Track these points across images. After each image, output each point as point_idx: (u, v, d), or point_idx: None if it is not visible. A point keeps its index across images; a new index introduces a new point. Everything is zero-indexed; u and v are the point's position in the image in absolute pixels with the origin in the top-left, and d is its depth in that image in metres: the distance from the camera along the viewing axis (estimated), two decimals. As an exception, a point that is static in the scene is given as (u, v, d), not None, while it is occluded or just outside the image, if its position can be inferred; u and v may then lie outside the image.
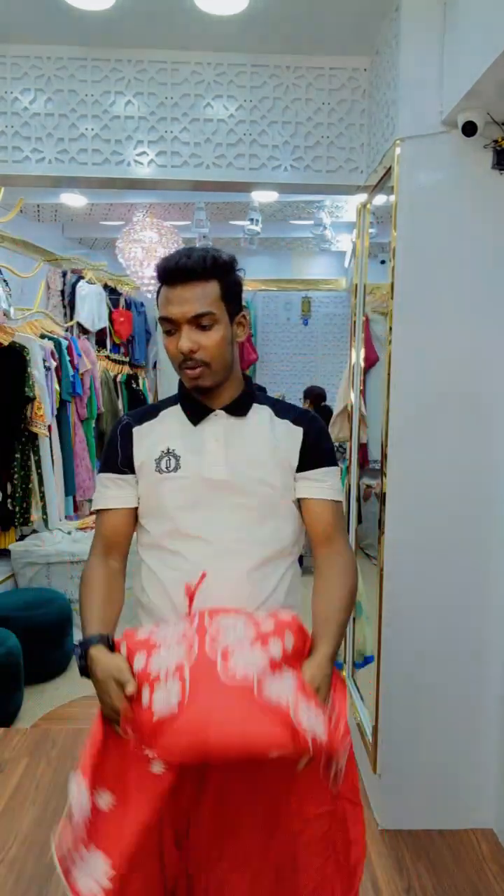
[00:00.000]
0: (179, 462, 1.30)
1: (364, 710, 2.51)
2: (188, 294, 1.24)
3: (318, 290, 6.87)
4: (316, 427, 1.38)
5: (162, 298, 1.27)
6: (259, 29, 2.26)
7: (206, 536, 1.28)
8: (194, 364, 1.26)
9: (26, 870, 2.09)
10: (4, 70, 2.42)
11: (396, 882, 2.04)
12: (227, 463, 1.29)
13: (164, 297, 1.26)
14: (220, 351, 1.27)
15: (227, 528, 1.28)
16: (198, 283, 1.24)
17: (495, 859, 2.14)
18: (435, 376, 2.12)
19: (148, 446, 1.34)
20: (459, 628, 2.20)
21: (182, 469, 1.30)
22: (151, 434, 1.35)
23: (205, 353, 1.26)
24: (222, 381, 1.31)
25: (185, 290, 1.24)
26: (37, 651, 3.41)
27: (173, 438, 1.33)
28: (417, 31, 2.01)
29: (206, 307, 1.24)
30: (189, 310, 1.24)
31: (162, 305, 1.27)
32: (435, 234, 2.08)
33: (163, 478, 1.30)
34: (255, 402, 1.37)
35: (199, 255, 1.24)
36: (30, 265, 4.48)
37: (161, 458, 1.31)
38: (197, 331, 1.25)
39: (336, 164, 2.50)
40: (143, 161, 2.48)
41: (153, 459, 1.32)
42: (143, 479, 1.34)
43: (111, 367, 5.24)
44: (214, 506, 1.29)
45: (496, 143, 2.00)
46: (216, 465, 1.29)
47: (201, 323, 1.24)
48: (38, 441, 3.68)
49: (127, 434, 1.36)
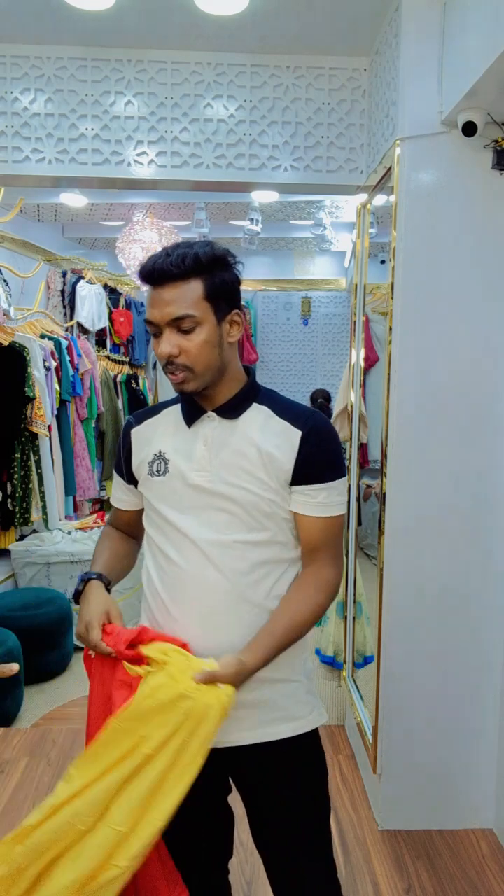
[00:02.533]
0: (168, 466, 1.28)
1: (364, 710, 2.51)
2: (167, 296, 1.17)
3: (318, 290, 6.87)
4: (320, 433, 1.27)
5: (146, 299, 1.23)
6: (259, 29, 2.26)
7: (194, 538, 1.25)
8: (175, 368, 1.21)
9: (26, 870, 2.09)
10: (4, 70, 2.42)
11: (396, 882, 2.04)
12: (212, 469, 1.24)
13: (148, 298, 1.22)
14: (204, 354, 1.20)
15: (216, 531, 1.25)
16: (177, 284, 1.17)
17: (495, 859, 2.14)
18: (435, 376, 2.12)
19: (144, 449, 1.33)
20: (459, 628, 2.20)
21: (170, 473, 1.27)
22: (148, 435, 1.34)
23: (186, 358, 1.20)
24: (211, 384, 1.25)
25: (165, 292, 1.18)
26: (37, 651, 3.41)
27: (166, 441, 1.31)
28: (417, 31, 2.01)
29: (186, 310, 1.17)
30: (168, 313, 1.18)
31: (146, 307, 1.23)
32: (435, 234, 2.08)
33: (154, 481, 1.30)
34: (255, 402, 1.30)
35: (178, 253, 1.17)
36: (30, 265, 4.48)
37: (153, 462, 1.30)
38: (178, 334, 1.19)
39: (336, 164, 2.50)
40: (143, 161, 2.48)
41: (147, 462, 1.32)
42: (140, 480, 1.34)
43: (111, 367, 5.24)
44: (202, 510, 1.26)
45: (496, 143, 2.00)
46: (201, 471, 1.25)
47: (182, 326, 1.18)
48: (38, 441, 3.68)
49: (126, 437, 1.38)
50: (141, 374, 5.87)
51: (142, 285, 1.26)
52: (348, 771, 2.59)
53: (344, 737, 2.83)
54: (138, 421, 1.37)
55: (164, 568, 1.29)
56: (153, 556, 1.33)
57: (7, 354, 3.51)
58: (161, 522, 1.29)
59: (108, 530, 1.48)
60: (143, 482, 1.33)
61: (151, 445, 1.32)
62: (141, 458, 1.33)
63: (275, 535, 1.27)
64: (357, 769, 2.60)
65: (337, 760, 2.65)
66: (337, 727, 2.88)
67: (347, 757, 2.68)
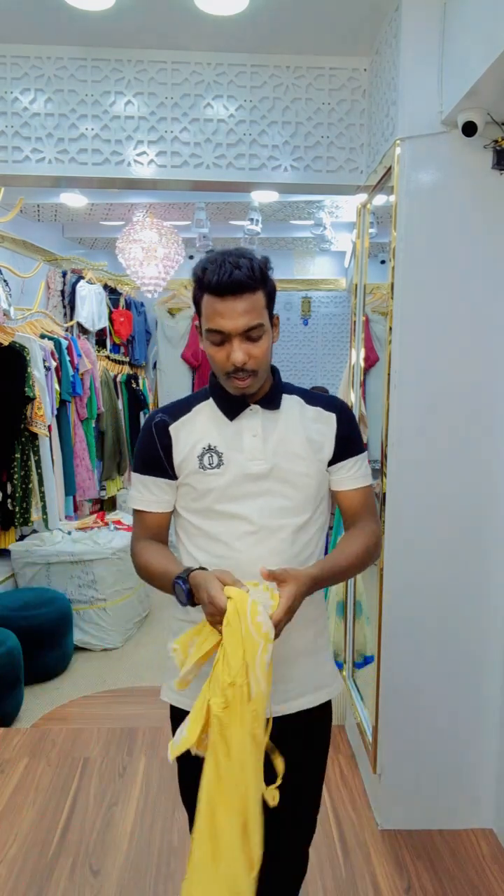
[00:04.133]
0: (222, 458, 1.33)
1: (364, 710, 2.51)
2: (240, 307, 1.24)
3: (318, 290, 6.86)
4: (347, 412, 1.44)
5: (209, 309, 1.26)
6: (259, 29, 2.26)
7: (246, 517, 1.32)
8: (245, 375, 1.29)
9: (26, 870, 2.10)
10: (4, 70, 2.42)
11: (396, 882, 2.04)
12: (266, 456, 1.34)
13: (213, 308, 1.25)
14: (267, 359, 1.31)
15: (270, 516, 1.33)
16: (249, 296, 1.25)
17: (495, 859, 2.14)
18: (435, 376, 2.12)
19: (187, 443, 1.36)
20: (459, 628, 2.20)
21: (225, 465, 1.33)
22: (188, 430, 1.37)
23: (254, 363, 1.28)
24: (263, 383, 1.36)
25: (238, 303, 1.24)
26: (37, 651, 3.42)
27: (212, 434, 1.35)
28: (417, 31, 2.01)
29: (257, 319, 1.26)
30: (243, 324, 1.25)
31: (210, 317, 1.26)
32: (435, 234, 2.08)
33: (208, 473, 1.34)
34: (285, 393, 1.41)
35: (247, 265, 1.24)
36: (30, 265, 4.48)
37: (204, 455, 1.34)
38: (247, 342, 1.27)
39: (336, 164, 2.50)
40: (143, 161, 2.48)
41: (195, 457, 1.34)
42: (185, 475, 1.36)
43: (111, 367, 5.23)
44: (258, 496, 1.33)
45: (496, 143, 2.00)
46: (255, 460, 1.33)
47: (251, 335, 1.26)
48: (38, 441, 3.68)
49: (164, 433, 1.37)
50: (141, 374, 5.87)
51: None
52: (348, 771, 2.59)
53: (344, 737, 2.83)
54: (173, 417, 1.39)
55: (220, 554, 1.34)
56: (202, 547, 1.36)
57: (7, 354, 3.51)
58: (212, 513, 1.35)
59: (146, 544, 1.41)
60: (188, 475, 1.36)
61: (196, 440, 1.36)
62: (185, 453, 1.35)
63: (315, 519, 1.39)
64: (357, 769, 2.60)
65: (337, 760, 2.65)
66: (337, 727, 2.88)
67: (347, 757, 2.68)
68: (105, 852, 2.18)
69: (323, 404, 1.41)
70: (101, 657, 3.87)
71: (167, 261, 4.43)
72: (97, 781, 2.55)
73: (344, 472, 1.41)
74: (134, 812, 2.38)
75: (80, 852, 2.18)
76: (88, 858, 2.15)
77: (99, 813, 2.37)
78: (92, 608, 3.92)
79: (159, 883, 2.04)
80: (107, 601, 3.93)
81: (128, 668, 3.73)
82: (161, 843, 2.22)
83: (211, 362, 1.32)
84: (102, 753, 2.74)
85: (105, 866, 2.12)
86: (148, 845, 2.21)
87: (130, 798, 2.46)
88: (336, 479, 1.41)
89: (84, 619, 3.91)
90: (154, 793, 2.48)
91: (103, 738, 2.85)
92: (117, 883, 2.05)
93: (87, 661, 3.80)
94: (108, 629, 3.94)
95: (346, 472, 1.41)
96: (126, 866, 2.12)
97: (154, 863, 2.13)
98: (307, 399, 1.42)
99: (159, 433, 1.37)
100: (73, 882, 2.05)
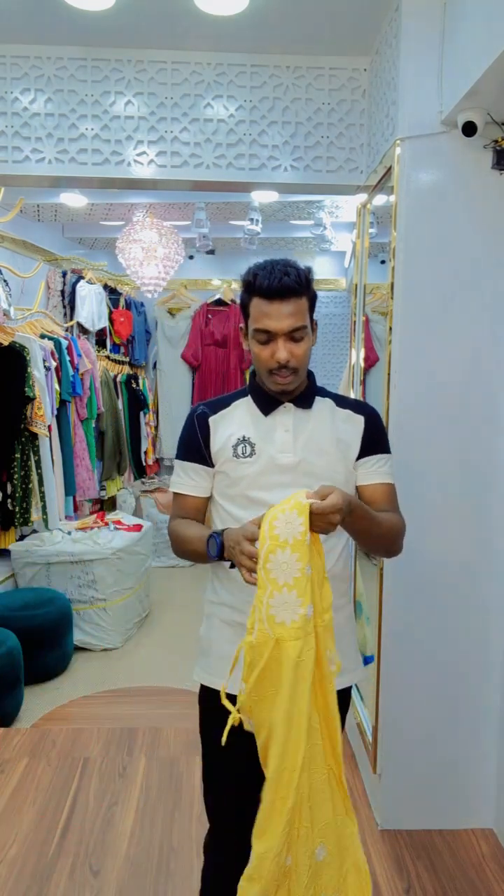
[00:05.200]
0: (255, 449, 1.45)
1: (364, 710, 2.51)
2: (287, 310, 1.38)
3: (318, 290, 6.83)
4: (376, 416, 1.55)
5: (257, 311, 1.40)
6: (259, 29, 2.26)
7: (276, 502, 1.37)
8: (288, 373, 1.41)
9: (26, 870, 2.10)
10: (4, 70, 2.42)
11: (396, 882, 2.04)
12: (295, 450, 1.44)
13: (261, 310, 1.39)
14: (307, 359, 1.44)
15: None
16: (296, 300, 1.39)
17: (495, 859, 2.14)
18: (435, 376, 2.12)
19: (224, 434, 1.48)
20: (459, 628, 2.20)
21: (257, 455, 1.45)
22: (226, 423, 1.50)
23: (296, 362, 1.41)
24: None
25: (285, 306, 1.38)
26: (37, 651, 3.42)
27: (247, 427, 1.48)
28: (417, 31, 2.01)
29: (301, 321, 1.40)
30: (288, 325, 1.38)
31: (258, 318, 1.40)
32: (435, 234, 2.08)
33: (240, 462, 1.45)
34: (318, 395, 1.52)
35: (294, 273, 1.39)
36: (30, 265, 4.48)
37: (238, 445, 1.46)
38: (291, 342, 1.40)
39: (336, 164, 2.50)
40: (143, 161, 2.48)
41: (230, 446, 1.46)
42: (221, 463, 1.48)
43: (111, 367, 5.23)
44: (287, 486, 1.41)
45: (496, 143, 2.00)
46: (285, 452, 1.44)
47: (295, 336, 1.40)
48: (38, 441, 3.67)
49: (204, 424, 1.50)
50: (141, 374, 5.86)
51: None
52: (348, 771, 2.59)
53: (344, 737, 2.83)
54: (214, 411, 1.52)
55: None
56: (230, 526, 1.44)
57: (7, 354, 3.51)
58: (244, 500, 1.45)
59: (179, 523, 1.52)
60: (224, 463, 1.48)
61: (233, 431, 1.48)
62: (222, 443, 1.48)
63: None
64: (357, 769, 2.60)
65: (337, 760, 2.64)
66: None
67: (347, 757, 2.68)
68: (105, 852, 2.18)
69: (353, 407, 1.53)
70: (101, 657, 3.87)
71: (167, 261, 4.43)
72: (97, 781, 2.55)
73: (369, 466, 1.50)
74: (134, 812, 2.38)
75: (80, 852, 2.18)
76: (88, 858, 2.15)
77: (99, 813, 2.38)
78: (92, 608, 3.92)
79: (159, 883, 2.04)
80: (107, 601, 3.93)
81: (128, 668, 3.73)
82: (161, 843, 2.22)
83: (255, 360, 1.44)
84: (102, 753, 2.74)
85: (105, 866, 2.12)
86: (148, 845, 2.21)
87: (130, 798, 2.46)
88: (361, 472, 1.50)
89: (84, 619, 3.91)
90: (154, 793, 2.49)
91: (103, 738, 2.85)
92: (117, 883, 2.05)
93: (87, 661, 3.80)
94: (107, 629, 3.94)
95: (371, 466, 1.50)
96: (126, 866, 2.12)
97: (154, 863, 2.13)
98: (339, 402, 1.53)
99: (200, 424, 1.50)
100: (73, 882, 2.05)
